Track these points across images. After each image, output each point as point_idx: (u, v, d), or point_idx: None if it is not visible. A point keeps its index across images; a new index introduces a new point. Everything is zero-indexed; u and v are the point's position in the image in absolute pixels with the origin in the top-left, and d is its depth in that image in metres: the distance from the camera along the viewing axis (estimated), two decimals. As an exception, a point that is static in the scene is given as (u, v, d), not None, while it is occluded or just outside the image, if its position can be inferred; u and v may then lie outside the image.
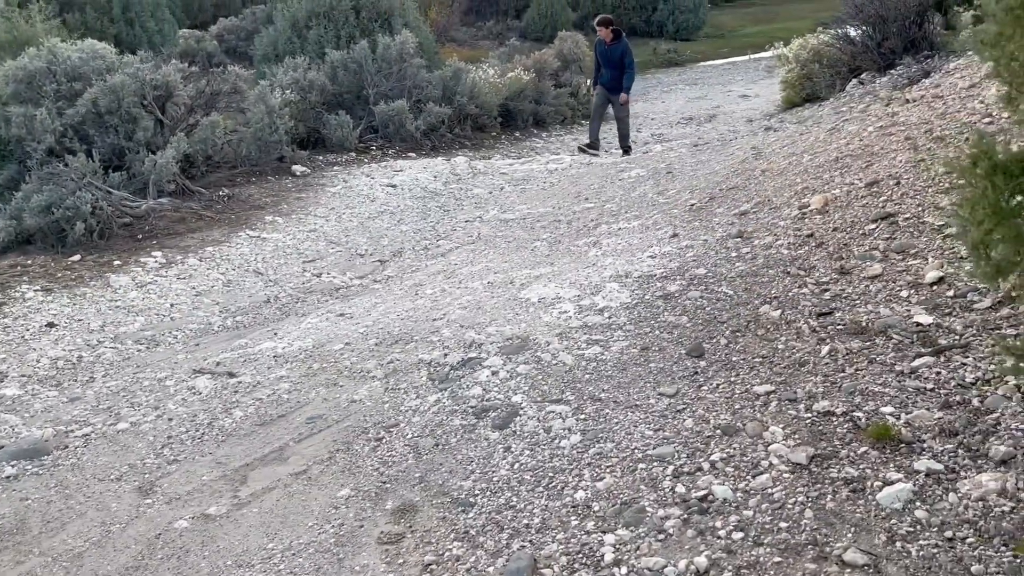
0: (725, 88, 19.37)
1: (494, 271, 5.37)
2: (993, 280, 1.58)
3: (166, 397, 3.95)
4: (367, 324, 4.62)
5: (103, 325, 4.96)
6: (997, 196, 1.39)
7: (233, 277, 5.82)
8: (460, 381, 3.64)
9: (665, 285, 4.18)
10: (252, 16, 29.66)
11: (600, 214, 6.49)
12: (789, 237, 4.34)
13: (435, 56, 12.61)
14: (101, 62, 7.63)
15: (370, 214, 7.43)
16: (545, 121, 12.87)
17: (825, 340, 3.28)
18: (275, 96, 8.48)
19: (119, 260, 5.87)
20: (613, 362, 3.53)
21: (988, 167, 1.39)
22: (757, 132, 9.18)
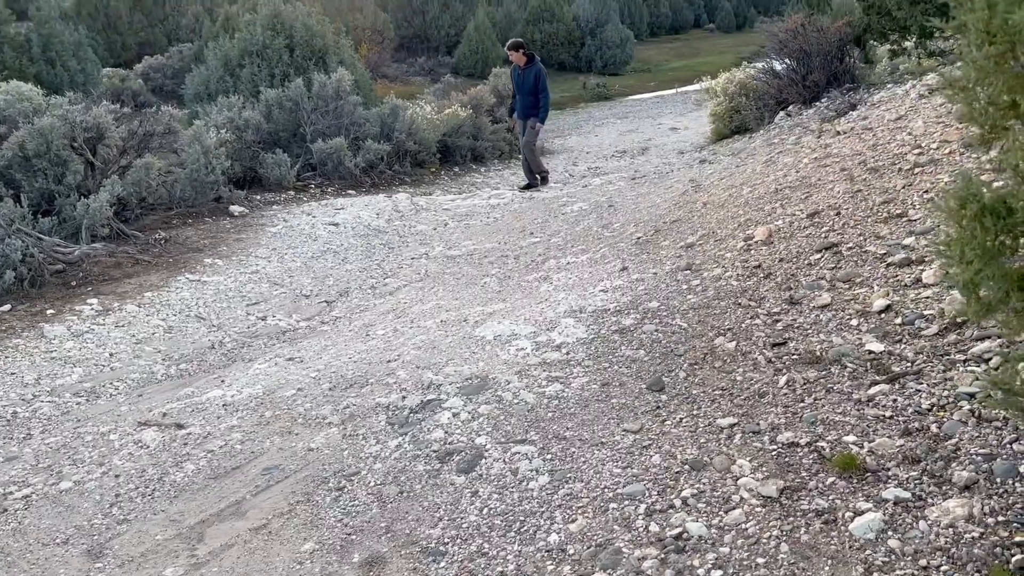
0: (655, 121, 19.85)
1: (446, 309, 5.34)
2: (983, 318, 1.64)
3: (111, 452, 3.78)
4: (319, 368, 4.52)
5: (38, 378, 4.74)
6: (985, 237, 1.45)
7: (174, 323, 5.64)
8: (421, 424, 3.59)
9: (620, 319, 4.22)
10: (179, 54, 29.26)
11: (547, 248, 6.54)
12: (737, 268, 4.43)
13: (371, 93, 12.61)
14: (28, 104, 7.38)
15: (313, 253, 7.32)
16: (483, 156, 12.95)
17: (782, 371, 3.34)
18: (210, 136, 8.32)
19: (52, 309, 5.63)
20: (575, 399, 3.53)
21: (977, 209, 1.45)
22: (692, 165, 9.40)
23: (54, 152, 7.05)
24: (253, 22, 12.01)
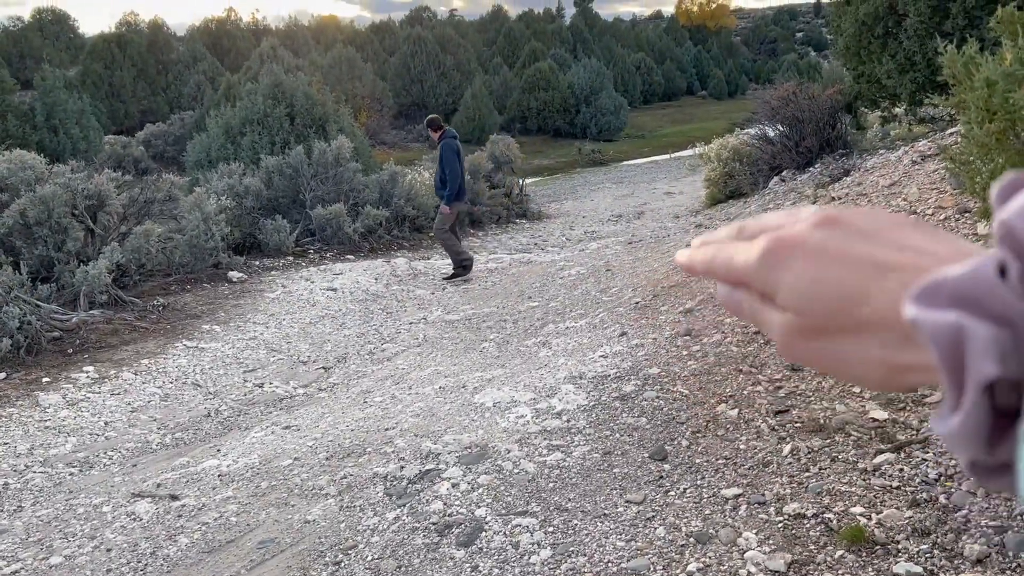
0: (650, 186, 20.10)
1: (444, 375, 5.30)
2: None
3: (103, 525, 3.70)
4: (316, 436, 4.47)
5: (31, 448, 4.67)
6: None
7: (171, 391, 5.59)
8: (419, 495, 3.53)
9: (620, 386, 4.19)
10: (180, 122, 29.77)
11: (546, 313, 6.54)
12: (737, 334, 4.42)
13: (371, 159, 12.78)
14: (30, 172, 7.45)
15: (311, 319, 7.31)
16: (481, 221, 13.07)
17: (785, 439, 3.31)
18: (211, 202, 8.39)
19: (48, 377, 5.59)
20: (576, 468, 3.48)
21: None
22: (689, 229, 9.48)
23: (55, 220, 7.09)
24: (255, 91, 12.24)
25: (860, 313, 0.40)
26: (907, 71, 8.07)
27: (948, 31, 7.59)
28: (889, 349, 0.39)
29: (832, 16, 10.54)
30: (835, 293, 0.40)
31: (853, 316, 0.40)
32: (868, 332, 0.40)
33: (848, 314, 0.40)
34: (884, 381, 0.41)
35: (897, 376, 0.40)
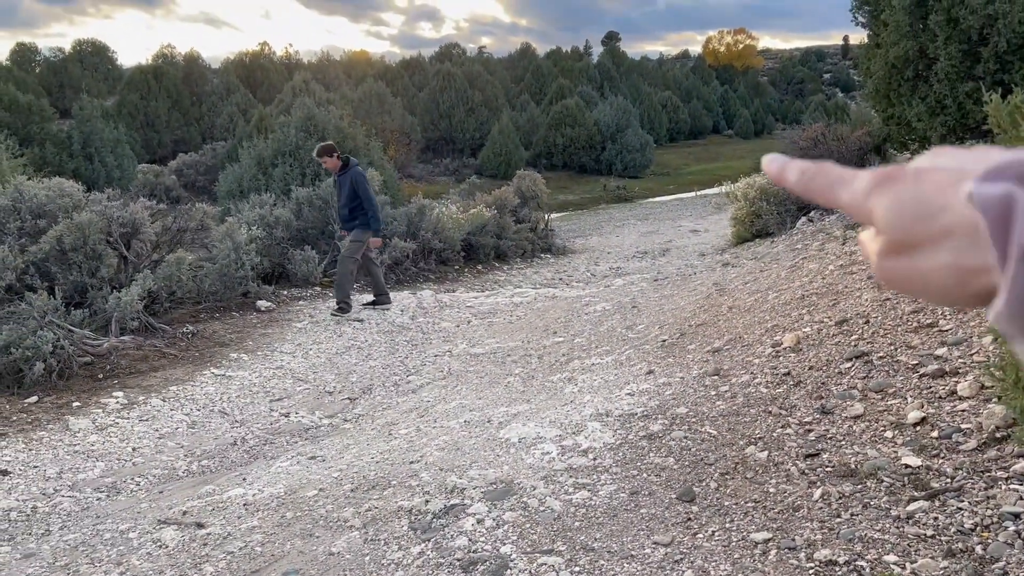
0: (675, 223, 20.10)
1: (469, 409, 5.30)
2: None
3: (129, 551, 3.72)
4: (341, 468, 4.47)
5: (60, 472, 4.72)
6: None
7: (198, 418, 5.63)
8: (444, 530, 3.51)
9: (648, 425, 4.16)
10: (212, 152, 30.31)
11: (571, 348, 6.53)
12: (766, 375, 4.39)
13: (399, 192, 12.92)
14: (68, 199, 7.62)
15: (337, 349, 7.35)
16: (507, 255, 13.12)
17: (816, 483, 3.26)
18: (242, 232, 8.52)
19: (79, 401, 5.65)
20: (603, 507, 3.45)
21: None
22: (715, 267, 9.45)
23: (90, 246, 7.23)
24: (287, 124, 12.46)
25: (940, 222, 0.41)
26: (938, 114, 8.06)
27: (979, 75, 7.59)
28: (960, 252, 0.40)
29: (861, 58, 10.58)
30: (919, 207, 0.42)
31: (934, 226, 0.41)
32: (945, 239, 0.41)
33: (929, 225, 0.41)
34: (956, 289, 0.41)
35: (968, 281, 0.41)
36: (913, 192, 0.42)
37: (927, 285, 0.43)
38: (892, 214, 0.43)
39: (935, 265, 0.41)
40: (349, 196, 8.21)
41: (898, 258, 0.43)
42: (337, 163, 8.30)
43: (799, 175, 0.50)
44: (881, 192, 0.44)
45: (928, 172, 0.43)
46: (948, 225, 0.40)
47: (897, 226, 0.42)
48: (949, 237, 0.41)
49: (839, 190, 0.47)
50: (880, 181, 0.44)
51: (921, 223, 0.42)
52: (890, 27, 8.62)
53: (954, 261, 0.40)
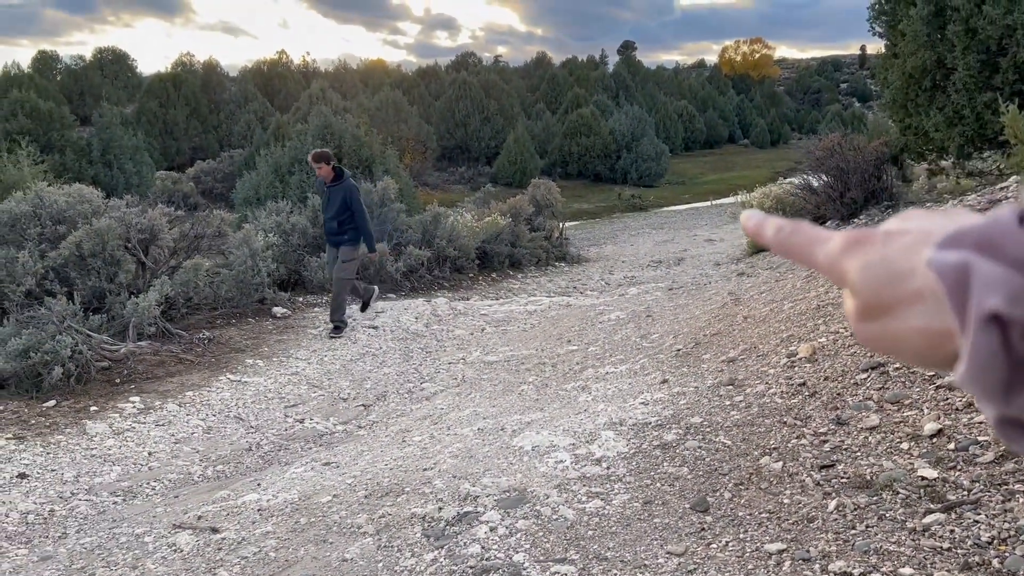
0: (690, 232, 20.05)
1: (483, 416, 5.31)
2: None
3: (145, 555, 3.74)
4: (355, 474, 4.48)
5: (77, 476, 4.76)
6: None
7: (213, 423, 5.67)
8: (457, 538, 3.51)
9: (662, 434, 4.15)
10: (229, 159, 30.55)
11: (585, 357, 6.52)
12: (781, 385, 4.37)
13: (414, 200, 12.98)
14: (87, 206, 7.71)
15: (352, 356, 7.38)
16: (521, 263, 13.14)
17: (831, 494, 3.24)
18: (258, 239, 8.58)
19: (96, 406, 5.71)
20: (616, 517, 3.45)
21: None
22: (730, 277, 9.43)
23: (109, 252, 7.30)
24: (304, 132, 12.55)
25: (908, 286, 0.42)
26: (955, 124, 8.02)
27: (998, 85, 7.54)
28: (929, 317, 0.41)
29: (878, 68, 10.54)
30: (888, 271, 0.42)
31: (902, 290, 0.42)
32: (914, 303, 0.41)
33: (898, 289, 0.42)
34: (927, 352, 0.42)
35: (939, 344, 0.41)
36: (881, 255, 0.43)
37: (901, 348, 0.43)
38: (862, 277, 0.43)
39: (907, 329, 0.42)
40: (340, 208, 7.79)
41: (872, 322, 0.44)
42: (330, 172, 7.86)
43: (776, 232, 0.50)
44: (852, 254, 0.44)
45: (896, 235, 0.44)
46: (917, 289, 0.41)
47: (868, 289, 0.43)
48: (918, 301, 0.41)
49: (815, 250, 0.47)
50: (852, 243, 0.45)
51: (890, 287, 0.42)
52: (907, 37, 8.59)
53: (924, 325, 0.41)
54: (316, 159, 7.82)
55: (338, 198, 7.79)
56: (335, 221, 7.80)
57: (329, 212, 7.88)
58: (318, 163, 7.80)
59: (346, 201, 7.78)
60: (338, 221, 7.79)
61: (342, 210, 7.77)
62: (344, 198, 7.77)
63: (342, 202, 7.77)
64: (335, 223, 7.81)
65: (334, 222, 7.82)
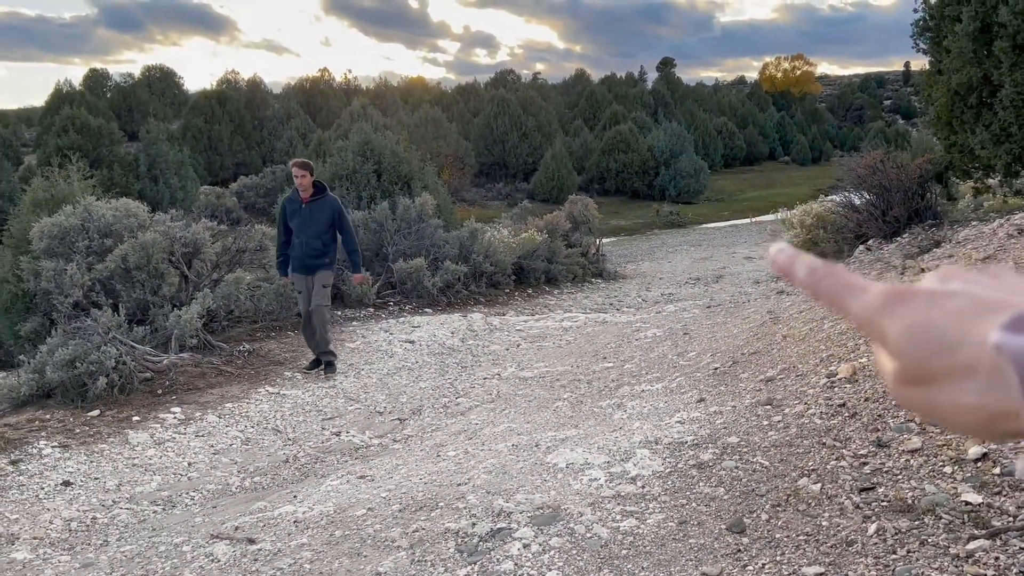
0: (729, 250, 19.88)
1: (517, 432, 5.30)
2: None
3: (183, 564, 3.80)
4: (390, 488, 4.50)
5: (119, 484, 4.85)
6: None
7: (252, 435, 5.74)
8: (490, 554, 3.51)
9: (698, 453, 4.11)
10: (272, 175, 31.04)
11: (621, 374, 6.49)
12: (820, 406, 4.31)
13: (452, 216, 13.06)
14: (133, 220, 7.89)
15: (388, 370, 7.43)
16: (557, 279, 13.13)
17: (871, 517, 3.18)
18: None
19: (138, 416, 5.82)
20: (651, 536, 3.42)
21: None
22: (769, 295, 9.32)
23: (153, 265, 7.46)
24: (345, 148, 12.72)
25: (959, 358, 0.40)
26: (1002, 142, 7.86)
27: (1046, 102, 7.39)
28: (984, 394, 0.39)
29: (922, 85, 10.40)
30: (936, 339, 0.40)
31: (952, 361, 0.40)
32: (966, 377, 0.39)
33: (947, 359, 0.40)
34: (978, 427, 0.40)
35: (994, 423, 0.39)
36: (927, 320, 0.41)
37: (950, 420, 0.41)
38: (907, 341, 0.41)
39: (957, 402, 0.40)
40: (324, 227, 6.97)
41: (916, 388, 0.42)
42: (311, 185, 6.99)
43: (808, 273, 0.48)
44: (893, 313, 0.42)
45: (942, 298, 0.42)
46: (968, 362, 0.39)
47: (913, 355, 0.41)
48: (970, 375, 0.39)
49: (849, 298, 0.45)
50: (892, 299, 0.43)
51: (938, 356, 0.40)
52: (953, 53, 8.46)
53: (978, 402, 0.39)
54: (302, 167, 7.00)
55: (322, 215, 6.97)
56: (319, 241, 6.96)
57: (310, 231, 6.94)
58: (303, 171, 6.97)
59: (333, 218, 7.02)
60: (322, 241, 6.99)
61: (326, 228, 7.01)
62: (330, 215, 7.00)
63: (327, 220, 7.00)
64: (318, 243, 6.96)
65: (317, 242, 6.95)
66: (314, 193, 7.00)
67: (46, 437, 5.43)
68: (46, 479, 4.86)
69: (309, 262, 6.97)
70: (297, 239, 6.96)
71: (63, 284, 7.09)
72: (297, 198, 7.02)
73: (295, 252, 6.99)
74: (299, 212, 6.97)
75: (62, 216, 7.77)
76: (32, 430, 5.53)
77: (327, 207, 6.99)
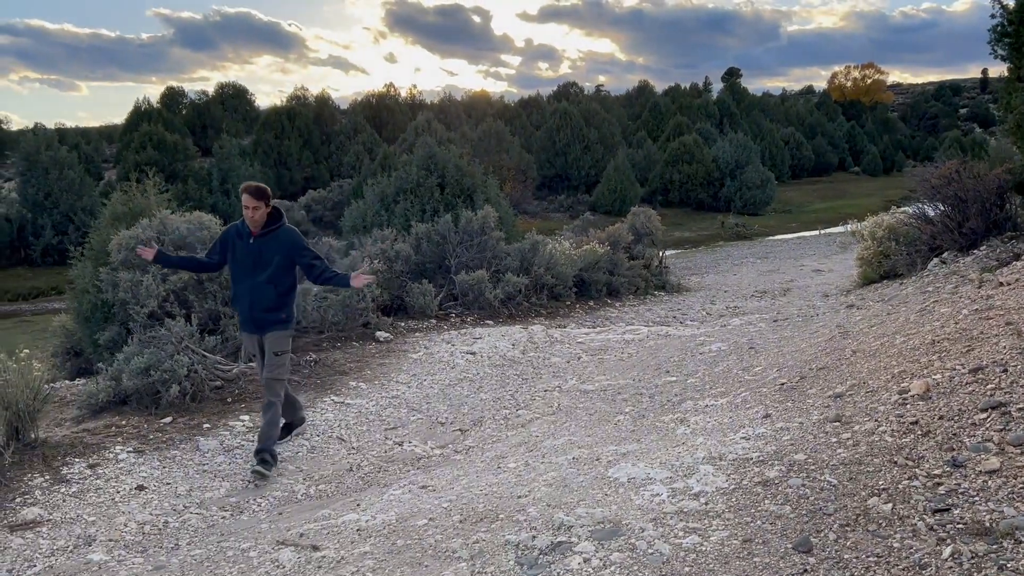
0: (797, 262, 19.46)
1: (578, 446, 5.28)
2: None
3: (249, 569, 3.88)
4: (450, 498, 4.53)
5: (190, 490, 5.00)
6: None
7: (317, 443, 5.85)
8: (550, 567, 3.49)
9: (763, 470, 4.03)
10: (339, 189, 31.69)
11: (684, 389, 6.41)
12: (892, 424, 4.17)
13: (513, 228, 13.11)
14: (206, 232, 8.14)
15: (450, 381, 7.49)
16: (619, 291, 13.05)
17: (946, 540, 3.06)
18: (364, 265, 8.85)
19: (208, 423, 5.99)
20: (714, 554, 3.35)
21: None
22: (839, 309, 9.09)
23: (224, 276, 7.67)
24: (409, 162, 12.91)
25: None
26: (1088, 150, 7.52)
27: None
28: None
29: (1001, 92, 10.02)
30: None
31: None
32: None
33: None
34: None
35: None
36: None
37: None
38: None
39: None
40: (279, 268, 5.30)
41: None
42: (264, 214, 5.29)
43: None
44: None
45: None
46: None
47: None
48: None
49: None
50: None
51: None
52: (1033, 59, 8.14)
53: None
54: (256, 194, 5.24)
55: (275, 254, 5.28)
56: (271, 289, 5.30)
57: (259, 274, 5.28)
58: (257, 200, 5.22)
59: (290, 257, 5.34)
60: (276, 289, 5.31)
61: (282, 272, 5.32)
62: (287, 253, 5.32)
63: (283, 259, 5.30)
64: (271, 292, 5.30)
65: (270, 290, 5.30)
66: (265, 225, 5.31)
67: (122, 442, 5.63)
68: (121, 483, 5.03)
69: (259, 316, 5.35)
70: (241, 286, 5.34)
71: (139, 294, 7.35)
72: (244, 231, 5.33)
73: (240, 303, 5.42)
74: (245, 250, 5.30)
75: (139, 229, 8.06)
76: (109, 435, 5.74)
77: (283, 243, 5.30)
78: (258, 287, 5.29)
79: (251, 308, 5.35)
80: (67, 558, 4.28)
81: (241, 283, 5.36)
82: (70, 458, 5.35)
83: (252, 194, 5.24)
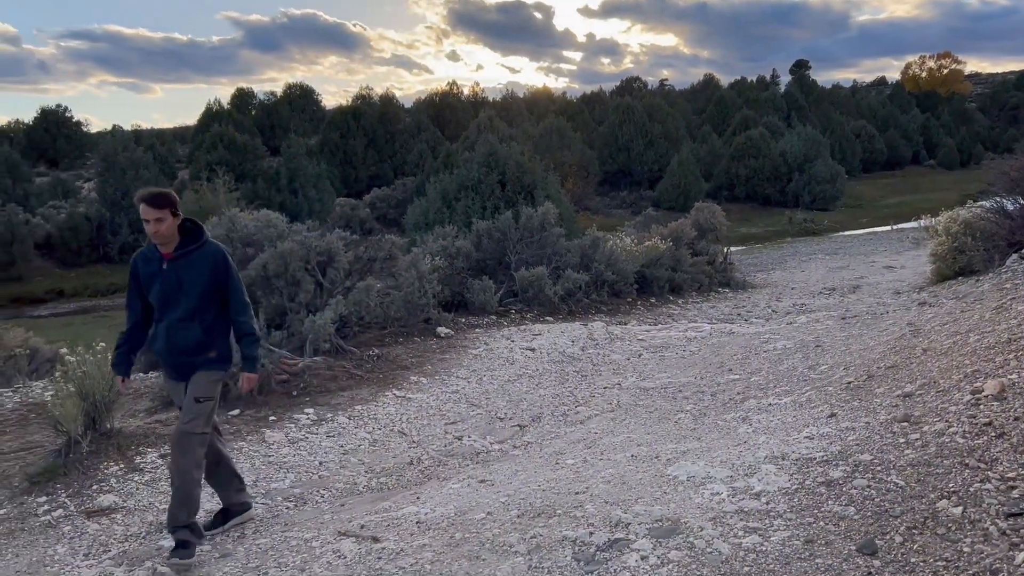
0: (867, 258, 18.93)
1: (637, 443, 5.24)
2: None
3: (312, 559, 3.97)
4: (508, 493, 4.55)
5: (256, 480, 5.13)
6: None
7: (379, 437, 5.95)
8: (607, 564, 3.48)
9: (827, 471, 3.94)
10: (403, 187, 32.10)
11: (747, 387, 6.30)
12: (963, 424, 4.03)
13: (574, 225, 13.10)
14: (273, 230, 8.35)
15: (509, 377, 7.52)
16: (681, 288, 12.90)
17: (1019, 546, 2.95)
18: (426, 262, 8.95)
19: (274, 416, 6.14)
20: (775, 554, 3.29)
21: None
22: (910, 307, 8.81)
23: (290, 273, 7.86)
24: (471, 160, 13.01)
25: None
26: None
27: None
28: None
29: (1086, 79, 9.56)
30: None
31: None
32: None
33: None
34: None
35: None
36: None
37: None
38: None
39: None
40: (200, 299, 4.14)
41: None
42: (176, 233, 4.09)
43: None
44: None
45: None
46: None
47: None
48: None
49: None
50: None
51: None
52: (1122, 44, 7.76)
53: None
54: (153, 203, 3.99)
55: (197, 279, 4.13)
56: (195, 323, 4.16)
57: (179, 307, 4.13)
58: (156, 210, 3.98)
59: (215, 281, 4.17)
60: (201, 324, 4.17)
61: (206, 300, 4.17)
62: (209, 276, 4.15)
63: (207, 284, 4.15)
64: (196, 328, 4.16)
65: (194, 325, 4.15)
66: (182, 243, 4.14)
67: (193, 433, 5.81)
68: (192, 472, 5.20)
69: (181, 361, 4.22)
70: (158, 324, 4.21)
71: (210, 290, 7.57)
72: (154, 255, 4.16)
73: (158, 343, 4.24)
74: (159, 277, 4.13)
75: (209, 226, 8.31)
76: (181, 426, 5.93)
77: (205, 263, 4.15)
78: (176, 325, 4.14)
79: (169, 352, 4.20)
80: (140, 544, 4.44)
81: (158, 320, 4.21)
82: (143, 448, 5.56)
83: (149, 202, 4.01)
